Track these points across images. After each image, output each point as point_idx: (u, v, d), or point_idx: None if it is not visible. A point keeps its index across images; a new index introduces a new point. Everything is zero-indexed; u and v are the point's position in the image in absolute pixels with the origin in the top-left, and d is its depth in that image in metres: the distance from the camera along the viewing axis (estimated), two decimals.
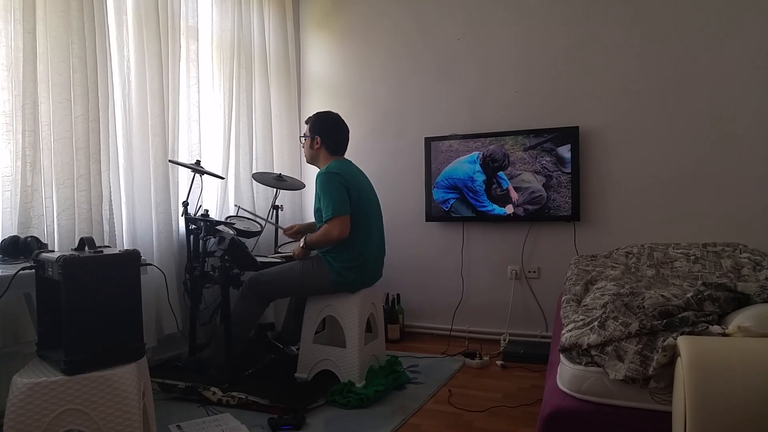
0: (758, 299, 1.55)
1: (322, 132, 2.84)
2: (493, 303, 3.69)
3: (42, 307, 1.78)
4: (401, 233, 3.86)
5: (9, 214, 2.31)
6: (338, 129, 2.88)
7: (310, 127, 2.88)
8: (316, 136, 2.83)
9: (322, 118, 2.88)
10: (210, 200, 3.42)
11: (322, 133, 2.84)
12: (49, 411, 1.56)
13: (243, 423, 2.32)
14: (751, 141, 3.07)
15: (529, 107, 3.56)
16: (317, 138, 2.83)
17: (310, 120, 2.90)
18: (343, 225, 2.62)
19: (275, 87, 3.96)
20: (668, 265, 2.61)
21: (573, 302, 2.15)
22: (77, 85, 2.49)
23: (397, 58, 3.95)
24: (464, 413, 2.47)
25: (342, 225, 2.62)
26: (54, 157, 2.43)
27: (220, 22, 3.52)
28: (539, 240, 3.57)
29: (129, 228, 2.87)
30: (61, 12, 2.43)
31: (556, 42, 3.49)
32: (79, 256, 1.63)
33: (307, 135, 2.88)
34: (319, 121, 2.87)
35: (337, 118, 2.89)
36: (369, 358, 2.81)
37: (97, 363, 1.64)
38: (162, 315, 2.94)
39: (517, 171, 3.49)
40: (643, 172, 3.30)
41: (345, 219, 2.63)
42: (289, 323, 3.10)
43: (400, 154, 3.94)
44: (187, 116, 3.22)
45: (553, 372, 1.77)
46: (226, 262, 2.73)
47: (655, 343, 1.47)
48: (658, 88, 3.25)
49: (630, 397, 1.49)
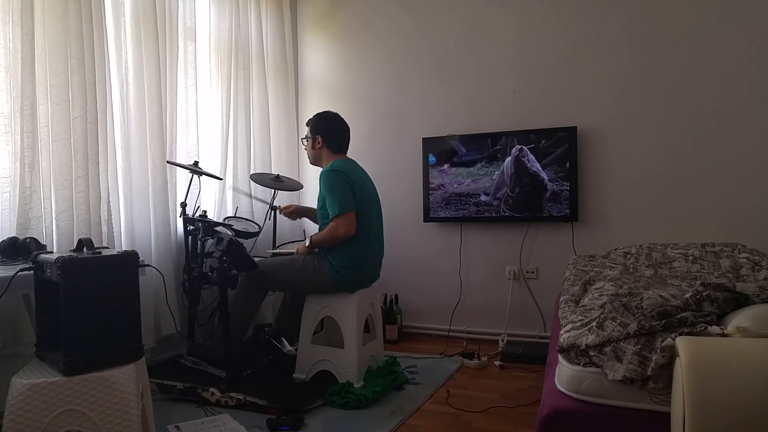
0: (757, 299, 1.55)
1: (322, 131, 2.86)
2: (492, 303, 3.69)
3: (41, 308, 1.78)
4: (399, 234, 3.86)
5: (8, 215, 2.31)
6: (338, 127, 2.89)
7: (310, 128, 2.90)
8: (318, 136, 2.85)
9: (322, 118, 2.90)
10: (208, 201, 3.42)
11: (323, 132, 2.86)
12: (48, 412, 1.56)
13: (241, 424, 2.32)
14: (749, 141, 3.08)
15: (527, 107, 3.57)
16: (318, 138, 2.85)
17: (310, 121, 2.92)
18: (349, 222, 2.62)
19: (273, 88, 3.96)
20: (667, 265, 2.61)
21: (571, 303, 2.16)
22: (75, 87, 2.49)
23: (395, 58, 3.96)
24: (462, 414, 2.47)
25: (348, 222, 2.62)
26: (52, 158, 2.43)
27: (218, 23, 3.52)
28: (537, 240, 3.57)
29: (127, 229, 2.87)
30: (59, 14, 2.43)
31: (554, 42, 3.49)
32: (78, 257, 1.63)
33: (308, 136, 2.90)
34: (320, 121, 2.88)
35: (337, 116, 2.91)
36: (367, 359, 2.81)
37: (95, 364, 1.64)
38: (160, 316, 2.94)
39: (516, 171, 3.50)
40: (641, 172, 3.31)
41: (351, 216, 2.63)
42: (283, 318, 3.10)
43: (398, 155, 3.94)
44: (185, 117, 3.22)
45: (551, 372, 1.77)
46: (225, 263, 2.73)
47: (654, 344, 1.47)
48: (657, 88, 3.26)
49: (628, 397, 1.49)
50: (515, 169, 3.50)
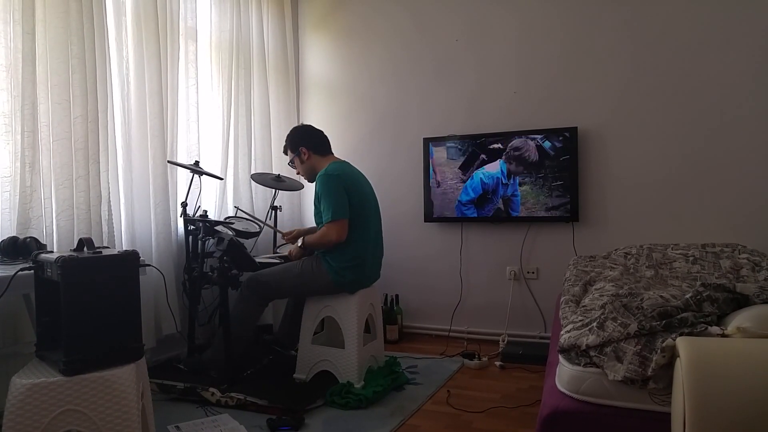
0: (757, 300, 1.55)
1: (302, 141, 2.89)
2: (492, 304, 3.69)
3: (41, 307, 1.78)
4: (400, 234, 3.86)
5: (8, 214, 2.31)
6: (313, 131, 2.96)
7: (290, 147, 2.93)
8: (301, 148, 2.88)
9: (295, 132, 2.95)
10: (209, 201, 3.42)
11: (303, 142, 2.89)
12: (48, 411, 1.56)
13: (241, 424, 2.32)
14: (750, 141, 3.08)
15: (528, 107, 3.56)
16: (302, 149, 2.87)
17: (287, 142, 2.95)
18: (341, 229, 2.64)
19: (274, 88, 3.96)
20: (667, 265, 2.61)
21: (572, 303, 2.15)
22: (76, 86, 2.49)
23: (396, 58, 3.96)
24: (463, 414, 2.47)
25: (340, 229, 2.64)
26: (53, 157, 2.43)
27: (219, 23, 3.52)
28: (538, 241, 3.57)
29: (128, 229, 2.87)
30: (61, 13, 2.43)
31: (555, 42, 3.49)
32: (78, 257, 1.63)
33: (292, 155, 2.93)
34: (295, 135, 2.93)
35: (306, 125, 2.99)
36: (368, 359, 2.81)
37: (96, 364, 1.64)
38: (161, 316, 2.94)
39: (517, 171, 3.50)
40: (641, 172, 3.31)
41: (343, 223, 2.65)
42: (285, 327, 3.10)
43: (398, 155, 3.94)
44: (186, 117, 3.22)
45: (551, 373, 1.77)
46: (225, 263, 2.73)
47: (654, 344, 1.47)
48: (657, 88, 3.26)
49: (629, 398, 1.49)
50: (516, 169, 3.50)
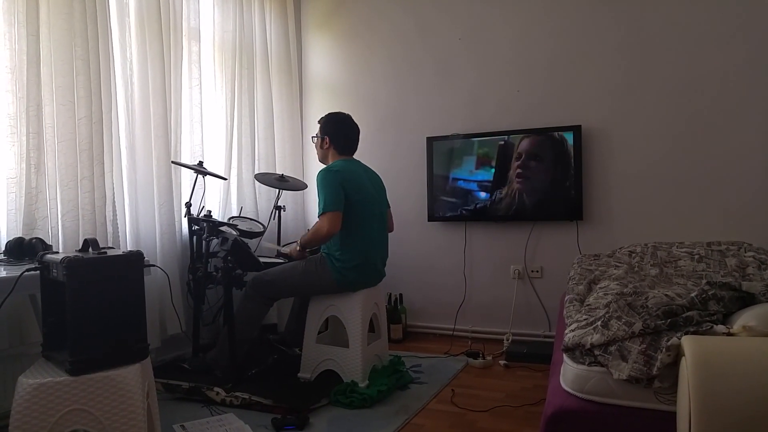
0: (763, 298, 1.55)
1: (330, 132, 2.88)
2: (496, 302, 3.68)
3: (47, 308, 1.79)
4: (403, 233, 3.86)
5: (14, 215, 2.32)
6: (346, 129, 2.91)
7: (320, 128, 2.93)
8: (326, 137, 2.88)
9: (331, 119, 2.92)
10: (213, 201, 3.43)
11: (330, 133, 2.88)
12: (54, 411, 1.56)
13: (246, 423, 2.32)
14: (755, 138, 3.06)
15: (531, 106, 3.56)
16: (326, 138, 2.88)
17: (321, 120, 2.94)
18: (333, 221, 2.63)
19: (277, 88, 3.96)
20: (672, 264, 2.60)
21: (576, 302, 2.15)
22: (80, 88, 2.50)
23: (398, 58, 3.96)
24: (467, 413, 2.47)
25: (332, 221, 2.63)
26: (58, 159, 2.44)
27: (222, 24, 3.53)
28: (542, 239, 3.56)
29: (132, 229, 2.88)
30: (64, 15, 2.44)
31: (558, 40, 3.48)
32: (84, 258, 1.64)
33: (317, 135, 2.93)
34: (330, 122, 2.91)
35: (347, 119, 2.93)
36: (372, 358, 2.81)
37: (101, 363, 1.64)
38: (165, 316, 2.95)
39: (521, 169, 3.49)
40: (646, 170, 3.30)
41: (336, 215, 2.64)
42: (291, 326, 3.11)
43: (401, 154, 3.94)
44: (190, 117, 3.23)
45: (556, 372, 1.77)
46: (229, 263, 2.73)
47: (659, 343, 1.47)
48: (661, 86, 3.25)
49: (634, 397, 1.49)
50: (519, 167, 3.49)
